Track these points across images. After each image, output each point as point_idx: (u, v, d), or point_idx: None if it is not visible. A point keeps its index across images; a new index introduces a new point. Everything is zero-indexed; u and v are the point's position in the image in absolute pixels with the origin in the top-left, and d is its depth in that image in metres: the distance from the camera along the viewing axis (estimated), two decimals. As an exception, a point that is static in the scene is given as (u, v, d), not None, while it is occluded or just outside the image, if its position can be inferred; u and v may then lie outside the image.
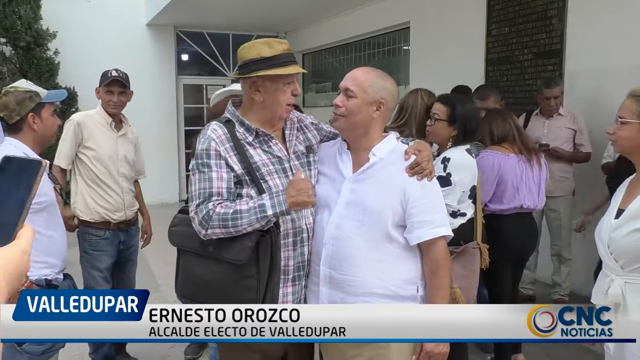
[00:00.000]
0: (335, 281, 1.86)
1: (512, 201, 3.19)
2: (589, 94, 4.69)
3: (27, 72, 7.89)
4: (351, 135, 1.95)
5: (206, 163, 1.82)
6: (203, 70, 10.27)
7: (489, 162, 3.17)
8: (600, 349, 3.68)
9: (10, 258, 0.76)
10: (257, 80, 1.87)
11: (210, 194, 1.79)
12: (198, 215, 1.78)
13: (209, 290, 1.85)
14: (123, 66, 9.27)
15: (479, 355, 3.68)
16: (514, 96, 5.47)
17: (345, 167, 1.94)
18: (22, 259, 0.78)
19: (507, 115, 3.29)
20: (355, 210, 1.86)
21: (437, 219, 1.86)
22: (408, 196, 1.84)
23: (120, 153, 3.36)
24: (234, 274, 1.80)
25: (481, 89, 4.19)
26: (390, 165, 1.90)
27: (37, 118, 2.37)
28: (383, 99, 1.89)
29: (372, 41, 8.14)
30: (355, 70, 1.95)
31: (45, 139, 2.46)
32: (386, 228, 1.83)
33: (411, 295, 1.87)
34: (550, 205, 4.31)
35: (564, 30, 4.90)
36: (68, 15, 8.33)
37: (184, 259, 1.95)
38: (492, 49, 5.75)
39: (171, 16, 8.58)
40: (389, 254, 1.85)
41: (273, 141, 1.93)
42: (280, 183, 1.87)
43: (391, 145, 1.95)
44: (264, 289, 1.79)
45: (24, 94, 2.36)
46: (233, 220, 1.74)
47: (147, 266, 5.40)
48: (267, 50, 1.85)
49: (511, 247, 3.27)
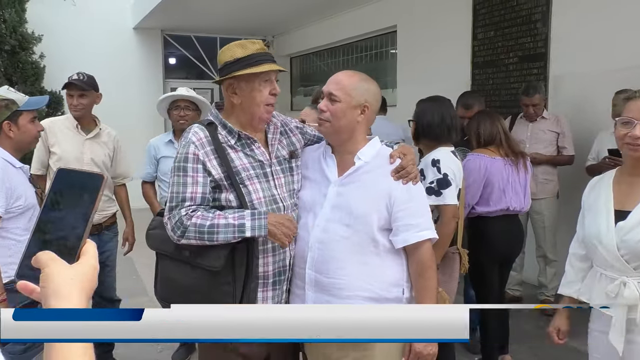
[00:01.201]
0: (320, 284, 1.86)
1: (498, 203, 3.22)
2: (574, 97, 4.75)
3: (12, 76, 7.81)
4: (336, 139, 1.95)
5: (182, 167, 1.81)
6: (190, 74, 10.24)
7: (476, 165, 3.20)
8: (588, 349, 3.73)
9: (85, 276, 0.75)
10: (233, 83, 1.87)
11: (183, 198, 1.79)
12: (171, 221, 1.78)
13: (187, 295, 1.84)
14: (109, 70, 9.23)
15: (466, 356, 3.70)
16: (500, 99, 5.53)
17: (330, 170, 1.94)
18: (94, 276, 0.77)
19: (495, 118, 3.32)
20: (341, 214, 1.86)
21: (422, 222, 1.87)
22: (394, 200, 1.84)
23: (86, 156, 3.30)
24: (211, 279, 1.79)
25: (465, 97, 4.17)
26: (375, 169, 1.90)
27: (14, 125, 2.43)
28: (367, 102, 1.89)
29: (360, 44, 8.18)
30: (338, 74, 1.95)
31: (23, 145, 2.51)
32: (372, 232, 1.84)
33: (396, 297, 1.88)
34: (535, 207, 4.36)
35: (548, 34, 4.96)
36: (53, 19, 8.26)
37: (161, 262, 1.95)
38: (478, 53, 5.80)
39: (158, 19, 8.54)
40: (375, 257, 1.86)
41: (256, 144, 1.93)
42: (260, 188, 1.86)
43: (375, 148, 1.95)
44: (240, 295, 1.79)
45: (1, 102, 2.42)
46: (209, 234, 1.75)
47: (134, 271, 5.37)
48: (240, 51, 1.85)
49: (498, 248, 3.30)
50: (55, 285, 0.71)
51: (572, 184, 4.66)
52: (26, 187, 2.43)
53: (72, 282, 0.72)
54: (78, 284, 0.72)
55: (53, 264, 0.73)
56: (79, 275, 0.74)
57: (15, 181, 2.37)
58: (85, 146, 3.33)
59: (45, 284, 0.72)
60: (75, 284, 0.72)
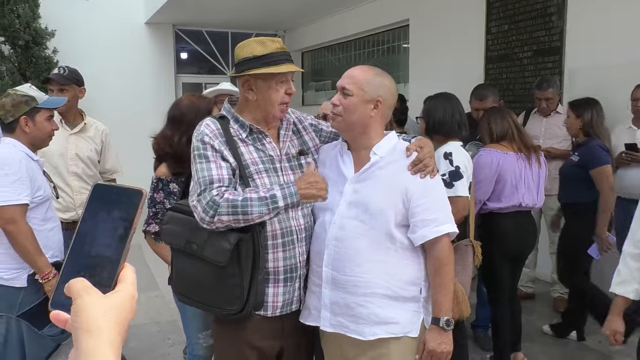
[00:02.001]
0: (337, 282, 1.85)
1: (510, 199, 3.18)
2: (589, 91, 4.66)
3: (25, 70, 7.88)
4: (350, 134, 1.92)
5: (203, 154, 1.81)
6: (202, 69, 10.26)
7: (488, 160, 3.16)
8: (603, 348, 3.71)
9: (121, 308, 0.66)
10: (250, 79, 1.87)
11: (211, 180, 1.76)
12: (201, 203, 1.73)
13: (200, 288, 1.86)
14: (121, 65, 9.30)
15: (478, 353, 3.68)
16: (514, 94, 5.46)
17: (346, 167, 1.92)
18: (132, 307, 0.68)
19: (506, 114, 3.28)
20: (357, 211, 1.84)
21: (440, 217, 1.83)
22: (410, 195, 1.81)
23: (70, 151, 3.26)
24: (218, 273, 1.80)
25: (479, 89, 4.15)
26: (391, 163, 1.87)
27: (30, 121, 2.52)
28: (380, 97, 1.86)
29: (372, 39, 8.13)
30: (353, 68, 1.93)
31: (37, 141, 2.58)
32: (389, 228, 1.81)
33: (414, 296, 1.86)
34: (549, 203, 4.29)
35: (563, 27, 4.89)
36: (66, 14, 8.31)
37: (175, 256, 1.96)
38: (491, 47, 5.73)
39: (170, 14, 8.56)
40: (392, 254, 1.83)
41: (267, 139, 1.92)
42: (268, 182, 1.85)
43: (392, 143, 1.92)
44: (247, 287, 1.79)
45: (21, 97, 2.51)
46: (243, 207, 1.70)
47: (145, 265, 5.40)
48: (260, 48, 1.84)
49: (509, 245, 3.26)
50: (85, 320, 0.63)
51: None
52: (43, 179, 2.54)
53: (104, 316, 0.64)
54: (112, 318, 0.65)
55: (86, 295, 0.65)
56: (113, 307, 0.65)
57: (34, 171, 2.48)
58: (70, 141, 3.28)
59: (75, 318, 0.64)
60: (108, 318, 0.64)
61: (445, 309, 1.83)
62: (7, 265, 2.42)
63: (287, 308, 1.91)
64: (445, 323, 1.82)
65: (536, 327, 4.07)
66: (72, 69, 3.36)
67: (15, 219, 2.35)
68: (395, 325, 1.83)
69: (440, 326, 1.82)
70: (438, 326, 1.82)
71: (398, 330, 1.83)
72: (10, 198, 2.34)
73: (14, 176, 2.36)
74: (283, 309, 1.90)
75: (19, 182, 2.37)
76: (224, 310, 1.82)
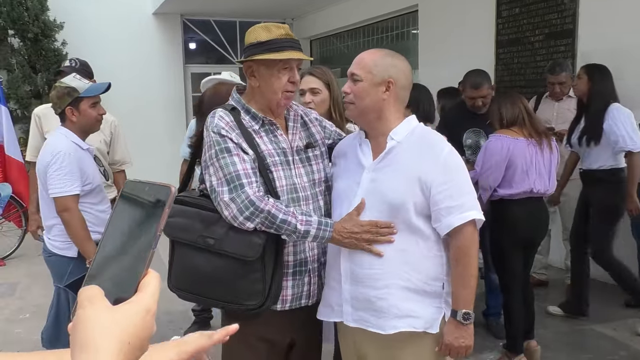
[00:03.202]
0: (356, 276, 1.80)
1: (521, 185, 3.13)
2: (602, 75, 4.59)
3: (35, 63, 7.91)
4: (365, 121, 1.85)
5: (225, 148, 1.76)
6: (210, 59, 10.22)
7: (498, 146, 3.11)
8: (618, 335, 3.67)
9: (130, 322, 0.56)
10: (252, 65, 1.84)
11: (238, 176, 1.73)
12: (236, 202, 1.71)
13: (209, 282, 1.82)
14: (130, 55, 9.31)
15: (491, 341, 3.66)
16: (525, 78, 5.38)
17: (365, 156, 1.84)
18: (145, 322, 0.58)
19: (517, 99, 3.22)
20: (374, 201, 1.77)
21: (465, 202, 1.72)
22: (430, 182, 1.71)
23: None
24: (239, 267, 1.77)
25: (472, 76, 3.85)
26: (409, 149, 1.77)
27: (75, 110, 2.69)
28: (391, 77, 1.77)
29: (380, 25, 8.05)
30: (362, 53, 1.86)
31: (86, 128, 2.76)
32: (408, 218, 1.73)
33: (435, 291, 1.78)
34: (563, 189, 4.25)
35: (576, 9, 4.80)
36: (75, 6, 8.31)
37: (179, 251, 1.91)
38: (502, 31, 5.65)
39: (177, 4, 8.53)
40: (413, 245, 1.75)
41: (278, 131, 1.90)
42: (283, 175, 1.84)
43: (411, 126, 1.82)
44: (270, 280, 1.77)
45: (64, 89, 2.68)
46: (278, 227, 1.73)
47: (157, 257, 5.42)
48: (264, 34, 1.81)
49: (521, 232, 3.22)
50: (82, 336, 0.55)
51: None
52: (93, 167, 2.78)
53: (105, 331, 0.55)
54: (113, 336, 0.55)
55: (88, 306, 0.56)
56: (118, 323, 0.56)
57: (84, 161, 2.71)
58: None
59: (73, 331, 0.56)
60: (109, 334, 0.55)
61: (463, 302, 1.74)
62: (62, 237, 2.69)
63: (296, 302, 1.89)
64: (463, 317, 1.73)
65: (550, 314, 4.04)
66: (83, 61, 3.41)
67: (68, 207, 2.61)
68: (417, 320, 1.76)
69: (458, 320, 1.74)
70: (455, 319, 1.74)
71: (419, 325, 1.76)
72: (63, 190, 2.60)
73: (66, 169, 2.60)
74: (292, 303, 1.88)
75: (70, 175, 2.61)
76: (242, 305, 1.79)
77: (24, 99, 7.75)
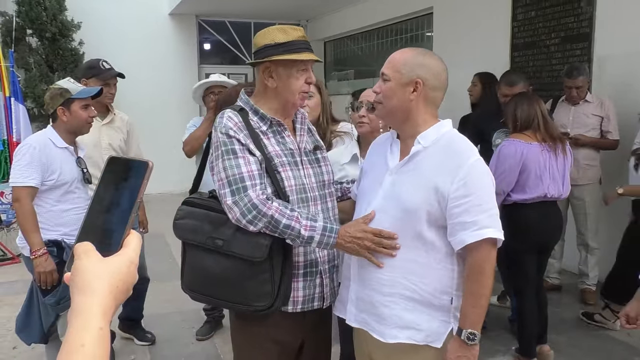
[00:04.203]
0: (363, 278, 1.79)
1: (535, 190, 3.12)
2: (619, 79, 4.55)
3: (52, 63, 8.01)
4: (393, 121, 1.82)
5: (231, 149, 1.77)
6: (225, 59, 10.28)
7: (512, 150, 3.10)
8: (632, 340, 3.63)
9: (118, 270, 0.71)
10: (270, 66, 1.84)
11: (242, 179, 1.73)
12: (239, 205, 1.72)
13: (219, 283, 1.82)
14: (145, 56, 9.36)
15: (503, 345, 3.64)
16: (541, 82, 5.35)
17: (392, 157, 1.80)
18: (129, 270, 0.72)
19: (534, 101, 3.20)
20: (391, 205, 1.73)
21: (482, 219, 1.63)
22: (448, 194, 1.64)
23: (104, 141, 3.42)
24: (247, 268, 1.77)
25: (508, 74, 4.07)
26: (433, 155, 1.70)
27: (67, 111, 2.80)
28: (419, 77, 1.70)
29: (395, 28, 8.04)
30: (395, 52, 1.82)
31: (75, 128, 2.85)
32: (419, 227, 1.68)
33: (443, 305, 1.72)
34: (576, 193, 4.22)
35: (593, 13, 4.76)
36: (92, 6, 8.42)
37: (190, 252, 1.91)
38: (517, 34, 5.62)
39: (193, 5, 8.59)
40: (423, 255, 1.70)
41: (286, 132, 1.90)
42: (292, 175, 1.84)
43: (440, 132, 1.74)
44: (278, 281, 1.78)
45: (57, 90, 2.82)
46: (281, 231, 1.73)
47: (170, 255, 5.46)
48: (281, 36, 1.82)
49: (535, 236, 3.20)
50: (80, 280, 0.68)
51: (615, 170, 4.48)
52: (64, 165, 2.79)
53: (99, 277, 0.69)
54: (106, 281, 0.69)
55: (84, 257, 0.70)
56: (109, 271, 0.70)
57: (52, 157, 2.74)
58: (102, 132, 3.43)
59: (73, 278, 0.69)
60: (102, 281, 0.68)
61: (470, 321, 1.66)
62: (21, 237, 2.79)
63: (308, 305, 1.88)
64: (467, 337, 1.65)
65: (563, 319, 4.01)
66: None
67: (19, 198, 2.67)
68: (418, 332, 1.71)
69: (462, 339, 1.66)
70: (460, 338, 1.67)
71: (420, 338, 1.71)
72: (18, 180, 2.68)
73: (25, 160, 2.68)
74: (304, 305, 1.87)
75: (28, 167, 2.67)
76: (251, 306, 1.79)
77: (41, 97, 7.85)
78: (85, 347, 0.64)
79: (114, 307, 0.70)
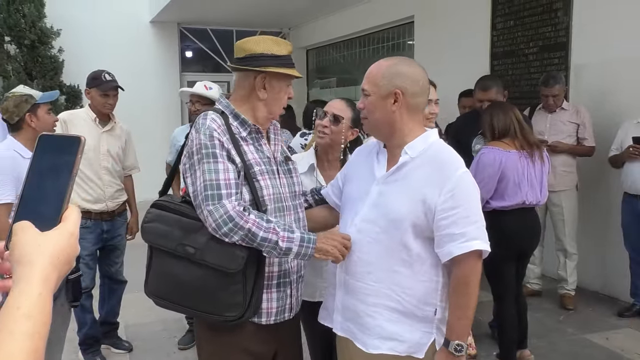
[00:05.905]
0: (349, 287, 1.79)
1: (514, 197, 3.16)
2: (596, 87, 4.65)
3: (32, 70, 7.91)
4: (380, 135, 1.82)
5: (212, 153, 1.72)
6: (207, 67, 10.26)
7: (490, 159, 3.14)
8: (610, 345, 3.68)
9: (57, 242, 0.73)
10: (266, 77, 1.82)
11: (218, 186, 1.69)
12: (213, 215, 1.67)
13: (187, 291, 1.78)
14: (126, 63, 9.29)
15: (484, 350, 3.66)
16: (520, 90, 5.43)
17: (379, 167, 1.81)
18: (70, 242, 0.74)
19: (509, 109, 3.25)
20: (377, 215, 1.73)
21: (469, 231, 1.63)
22: (435, 206, 1.64)
23: (103, 147, 3.51)
24: (219, 278, 1.73)
25: (482, 79, 4.09)
26: (420, 167, 1.70)
27: (34, 117, 2.76)
28: (398, 87, 1.70)
29: (376, 36, 8.11)
30: (372, 65, 1.82)
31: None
32: (405, 238, 1.68)
33: (426, 316, 1.72)
34: (553, 199, 4.28)
35: (569, 23, 4.86)
36: (71, 13, 8.33)
37: (158, 257, 1.84)
38: (497, 43, 5.71)
39: (174, 13, 8.56)
40: (407, 265, 1.70)
41: (263, 140, 1.89)
42: (270, 184, 1.82)
43: (427, 142, 1.74)
44: (250, 292, 1.75)
45: (21, 97, 2.75)
46: (259, 243, 1.70)
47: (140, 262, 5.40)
48: (277, 48, 1.83)
49: (514, 243, 3.24)
50: (19, 252, 0.70)
51: (591, 176, 4.57)
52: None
53: (38, 248, 0.70)
54: (45, 251, 0.70)
55: (21, 232, 0.72)
56: (48, 242, 0.72)
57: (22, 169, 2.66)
58: (102, 138, 3.53)
59: (11, 252, 0.71)
60: (41, 251, 0.70)
61: (457, 333, 1.67)
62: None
63: (280, 316, 1.86)
64: (455, 348, 1.66)
65: (543, 324, 4.06)
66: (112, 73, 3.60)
67: None
68: (401, 344, 1.71)
69: (450, 350, 1.67)
70: (447, 349, 1.67)
71: (402, 349, 1.71)
72: None
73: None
74: (277, 317, 1.85)
75: (1, 184, 2.62)
76: (221, 316, 1.75)
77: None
78: (20, 310, 0.65)
79: (57, 277, 0.71)
